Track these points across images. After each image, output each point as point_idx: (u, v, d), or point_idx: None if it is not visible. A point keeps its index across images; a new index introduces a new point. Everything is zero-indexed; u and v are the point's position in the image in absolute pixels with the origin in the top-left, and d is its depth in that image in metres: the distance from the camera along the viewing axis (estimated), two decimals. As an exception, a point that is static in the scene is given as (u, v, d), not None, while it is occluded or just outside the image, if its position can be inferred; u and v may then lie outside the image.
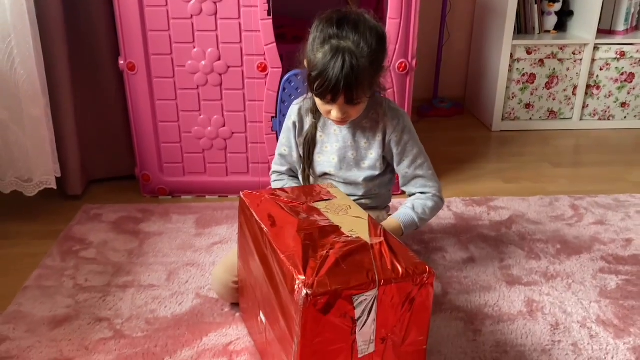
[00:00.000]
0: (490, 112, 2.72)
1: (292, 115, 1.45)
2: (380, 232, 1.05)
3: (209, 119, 1.90)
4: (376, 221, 1.12)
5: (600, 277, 1.53)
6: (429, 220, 1.43)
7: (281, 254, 0.97)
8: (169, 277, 1.52)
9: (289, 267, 0.94)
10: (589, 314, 1.39)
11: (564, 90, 2.69)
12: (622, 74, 2.66)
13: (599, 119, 2.75)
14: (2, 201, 1.88)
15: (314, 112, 1.41)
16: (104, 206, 1.91)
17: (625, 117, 2.75)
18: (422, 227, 1.44)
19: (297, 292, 0.89)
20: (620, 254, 1.65)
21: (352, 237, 1.03)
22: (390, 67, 1.81)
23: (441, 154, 1.47)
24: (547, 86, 2.67)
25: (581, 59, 2.62)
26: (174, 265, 1.58)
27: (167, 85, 1.85)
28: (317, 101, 1.30)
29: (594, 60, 2.62)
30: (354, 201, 1.39)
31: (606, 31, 2.70)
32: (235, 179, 1.99)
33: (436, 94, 2.97)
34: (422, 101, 2.94)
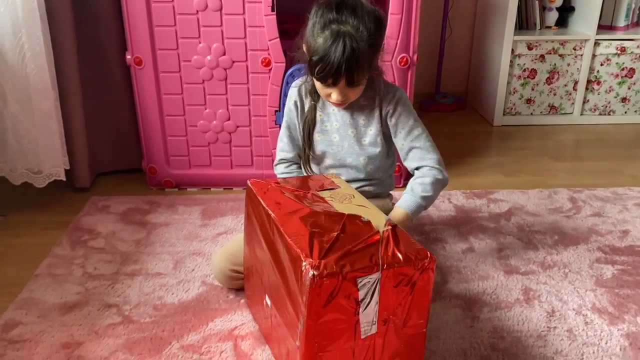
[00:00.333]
0: (491, 107, 2.75)
1: (292, 96, 1.48)
2: (383, 219, 1.09)
3: (214, 112, 1.94)
4: (378, 210, 1.16)
5: (596, 267, 1.57)
6: (434, 195, 1.40)
7: (288, 237, 1.01)
8: (175, 265, 1.56)
9: (296, 249, 0.97)
10: (585, 301, 1.42)
11: (565, 85, 2.71)
12: (623, 70, 2.68)
13: (600, 114, 2.78)
14: (13, 192, 1.93)
15: (313, 94, 1.44)
16: (112, 198, 1.95)
17: (625, 112, 2.77)
18: (429, 205, 1.41)
19: (304, 273, 0.93)
20: (616, 245, 1.68)
21: (357, 222, 1.06)
22: (392, 62, 1.85)
23: (443, 148, 1.49)
24: (548, 81, 2.70)
25: (582, 55, 2.65)
26: (181, 254, 1.62)
27: (173, 79, 1.89)
28: (317, 84, 1.34)
29: (594, 55, 2.65)
30: (357, 188, 1.43)
31: (607, 27, 2.72)
32: (239, 172, 2.02)
33: (438, 89, 3.00)
34: (424, 96, 2.97)
